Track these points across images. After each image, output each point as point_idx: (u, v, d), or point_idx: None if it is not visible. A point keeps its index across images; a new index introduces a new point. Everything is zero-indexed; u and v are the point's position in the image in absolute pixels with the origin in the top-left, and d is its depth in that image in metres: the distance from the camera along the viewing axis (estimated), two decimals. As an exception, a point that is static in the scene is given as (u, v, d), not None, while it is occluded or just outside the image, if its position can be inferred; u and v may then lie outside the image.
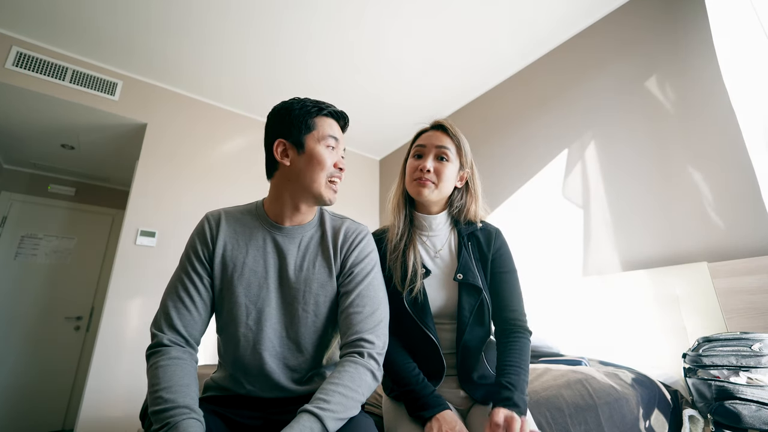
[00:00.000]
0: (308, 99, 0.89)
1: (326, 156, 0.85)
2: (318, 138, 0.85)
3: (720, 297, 1.43)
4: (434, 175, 0.94)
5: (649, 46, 1.90)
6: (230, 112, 3.06)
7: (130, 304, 2.33)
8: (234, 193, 2.83)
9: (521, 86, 2.59)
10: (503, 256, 0.97)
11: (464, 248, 0.95)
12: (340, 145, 0.89)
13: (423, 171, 0.94)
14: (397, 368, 0.86)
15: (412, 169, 0.98)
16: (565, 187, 2.16)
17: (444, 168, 0.95)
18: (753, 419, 1.06)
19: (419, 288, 0.90)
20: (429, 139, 0.99)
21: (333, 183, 0.87)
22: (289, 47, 2.41)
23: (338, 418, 0.65)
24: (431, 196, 0.95)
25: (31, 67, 2.30)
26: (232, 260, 0.84)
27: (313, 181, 0.84)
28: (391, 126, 3.34)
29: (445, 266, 0.96)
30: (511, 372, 0.81)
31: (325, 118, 0.88)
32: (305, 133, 0.85)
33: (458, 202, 1.02)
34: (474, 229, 0.99)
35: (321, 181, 0.84)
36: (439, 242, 0.99)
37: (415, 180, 0.96)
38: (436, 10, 2.13)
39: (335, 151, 0.88)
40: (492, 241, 0.97)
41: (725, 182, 1.56)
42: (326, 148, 0.85)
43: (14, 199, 3.34)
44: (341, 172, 0.88)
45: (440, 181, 0.95)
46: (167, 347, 0.74)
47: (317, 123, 0.86)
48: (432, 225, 1.00)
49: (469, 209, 1.01)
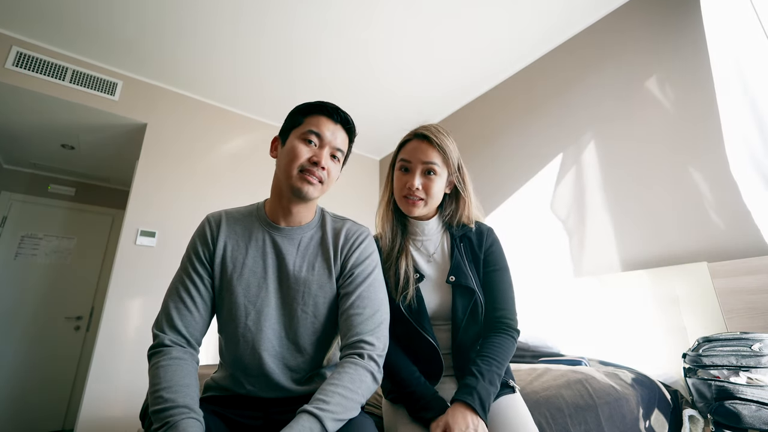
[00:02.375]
0: (316, 101, 0.89)
1: (300, 149, 0.83)
2: (299, 133, 0.85)
3: (720, 297, 1.43)
4: (423, 191, 0.94)
5: (649, 46, 1.90)
6: (230, 113, 3.06)
7: (130, 304, 2.33)
8: (234, 194, 2.83)
9: (521, 86, 2.59)
10: (495, 253, 0.97)
11: (457, 250, 0.96)
12: (328, 142, 0.85)
13: (411, 189, 0.93)
14: (397, 371, 0.87)
15: (401, 185, 0.96)
16: (565, 186, 2.16)
17: (432, 183, 0.94)
18: (753, 419, 1.06)
19: (412, 293, 0.91)
20: (414, 153, 0.95)
21: (306, 175, 0.82)
22: (289, 47, 2.41)
23: (337, 419, 0.65)
24: (421, 212, 0.96)
25: (31, 67, 2.30)
26: (232, 261, 0.84)
27: (285, 172, 0.83)
28: (390, 126, 3.33)
29: (439, 269, 0.97)
30: (483, 362, 0.82)
31: (316, 115, 0.86)
32: (292, 128, 0.86)
33: (449, 208, 1.02)
34: (467, 230, 0.99)
35: (292, 172, 0.82)
36: (431, 246, 1.00)
37: (404, 197, 0.95)
38: (436, 10, 2.13)
39: (318, 148, 0.85)
40: (483, 240, 0.98)
41: (725, 182, 1.56)
42: (303, 141, 0.84)
43: (14, 199, 3.34)
44: (317, 167, 0.83)
45: (429, 197, 0.94)
46: (168, 347, 0.75)
47: (305, 119, 0.86)
48: (425, 230, 1.00)
49: (462, 214, 1.00)
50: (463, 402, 0.75)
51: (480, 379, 0.78)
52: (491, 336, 0.89)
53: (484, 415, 0.74)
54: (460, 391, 0.77)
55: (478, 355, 0.85)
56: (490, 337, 0.88)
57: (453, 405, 0.76)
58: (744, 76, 1.46)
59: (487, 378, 0.79)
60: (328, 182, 0.87)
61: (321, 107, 0.87)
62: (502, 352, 0.85)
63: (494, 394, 0.79)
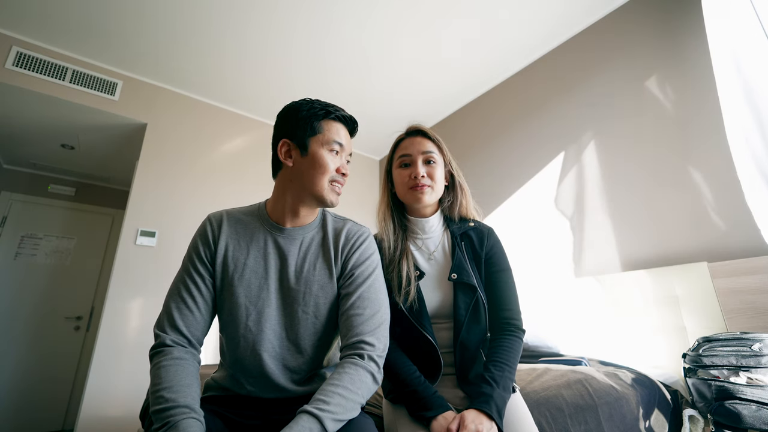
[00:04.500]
0: (318, 101, 0.89)
1: (329, 160, 0.84)
2: (323, 142, 0.85)
3: (720, 297, 1.44)
4: (428, 178, 0.98)
5: (649, 46, 1.90)
6: (231, 113, 3.06)
7: (130, 304, 2.32)
8: (234, 193, 2.83)
9: (521, 86, 2.59)
10: (497, 254, 0.98)
11: (458, 248, 0.97)
12: (346, 151, 0.89)
13: (417, 178, 0.97)
14: (397, 370, 0.87)
15: (405, 178, 0.99)
16: (565, 186, 2.16)
17: (434, 170, 0.99)
18: (753, 419, 1.06)
19: (414, 294, 0.92)
20: (412, 146, 1.00)
21: (335, 186, 0.86)
22: (289, 47, 2.41)
23: (337, 420, 0.65)
24: (430, 199, 0.98)
25: (31, 67, 2.30)
26: (233, 261, 0.84)
27: (315, 184, 0.84)
28: (391, 126, 3.33)
29: (440, 267, 0.97)
30: (495, 368, 0.83)
31: (333, 122, 0.87)
32: (310, 135, 0.85)
33: (448, 198, 1.05)
34: (467, 228, 1.01)
35: (323, 184, 0.84)
36: (432, 244, 1.01)
37: (411, 188, 0.98)
38: (436, 10, 2.13)
39: (339, 156, 0.87)
40: (485, 240, 0.99)
41: (725, 182, 1.56)
42: (330, 152, 0.85)
43: (14, 199, 3.34)
44: (344, 177, 0.87)
45: (434, 182, 0.98)
46: (170, 347, 0.75)
47: (323, 126, 0.86)
48: (425, 228, 1.02)
49: (461, 203, 1.04)
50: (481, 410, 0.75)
51: (495, 387, 0.79)
52: (500, 339, 0.89)
53: (500, 422, 0.75)
54: (477, 399, 0.78)
55: (490, 361, 0.86)
56: (498, 340, 0.89)
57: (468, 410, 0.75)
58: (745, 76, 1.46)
59: (501, 385, 0.80)
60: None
61: (342, 117, 0.89)
62: (512, 355, 0.86)
63: (508, 399, 0.81)
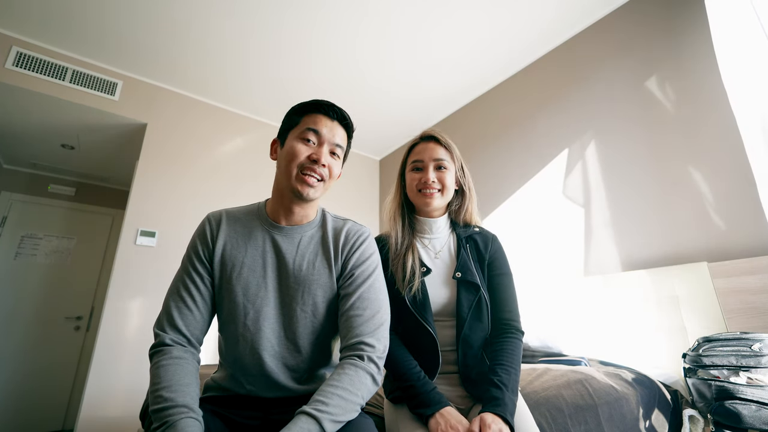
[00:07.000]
0: (311, 99, 0.89)
1: (298, 148, 0.83)
2: (297, 133, 0.86)
3: (720, 297, 1.43)
4: (438, 183, 1.02)
5: (649, 46, 1.90)
6: (231, 113, 3.06)
7: (130, 304, 2.32)
8: (234, 193, 2.83)
9: (521, 86, 2.59)
10: (500, 259, 1.02)
11: (463, 249, 1.01)
12: (327, 139, 0.85)
13: (427, 183, 1.01)
14: (397, 365, 0.87)
15: (415, 182, 1.04)
16: (566, 186, 2.16)
17: (445, 176, 1.03)
18: (753, 419, 1.06)
19: (418, 285, 0.94)
20: (425, 152, 1.05)
21: (306, 176, 0.82)
22: (289, 47, 2.41)
23: (336, 421, 0.65)
24: (439, 203, 1.03)
25: (31, 67, 2.30)
26: (231, 260, 0.84)
27: (285, 174, 0.84)
28: (391, 126, 3.34)
29: (445, 266, 1.00)
30: (502, 371, 0.84)
31: (311, 113, 0.87)
32: (289, 129, 0.87)
33: (456, 202, 1.10)
34: (472, 232, 1.05)
35: (292, 173, 0.83)
36: (438, 244, 1.05)
37: (421, 192, 1.02)
38: (435, 10, 2.13)
39: (316, 145, 0.85)
40: (489, 245, 1.04)
41: (725, 182, 1.56)
42: (301, 140, 0.84)
43: (14, 199, 3.34)
44: (321, 166, 0.83)
45: (444, 189, 1.03)
46: (169, 347, 0.75)
47: (301, 119, 0.87)
48: (433, 228, 1.05)
49: (467, 209, 1.09)
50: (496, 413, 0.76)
51: (505, 390, 0.81)
52: (502, 341, 0.91)
53: (512, 423, 0.76)
54: (489, 404, 0.78)
55: (496, 363, 0.87)
56: (501, 342, 0.91)
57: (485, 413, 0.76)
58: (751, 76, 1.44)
59: (510, 388, 0.82)
60: (329, 180, 0.87)
61: (317, 105, 0.88)
62: (516, 358, 0.89)
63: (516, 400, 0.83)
